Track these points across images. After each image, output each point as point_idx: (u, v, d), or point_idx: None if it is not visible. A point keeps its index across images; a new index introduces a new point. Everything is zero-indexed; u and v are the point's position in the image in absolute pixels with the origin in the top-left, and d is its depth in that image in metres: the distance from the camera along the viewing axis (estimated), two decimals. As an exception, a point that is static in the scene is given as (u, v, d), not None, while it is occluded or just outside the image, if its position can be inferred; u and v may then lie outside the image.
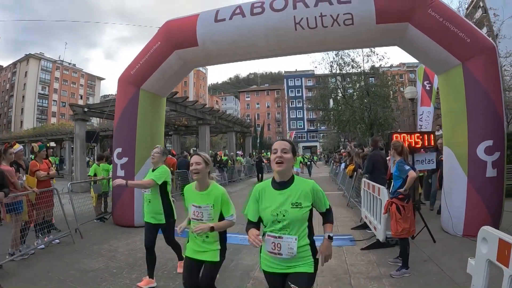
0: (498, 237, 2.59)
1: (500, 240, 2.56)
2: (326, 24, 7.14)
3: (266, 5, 7.56)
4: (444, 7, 6.83)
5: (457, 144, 6.85)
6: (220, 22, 7.84)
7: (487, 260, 2.74)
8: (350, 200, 11.15)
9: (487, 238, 2.75)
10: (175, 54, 8.32)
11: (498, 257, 2.57)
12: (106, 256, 6.06)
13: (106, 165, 10.01)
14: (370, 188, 6.83)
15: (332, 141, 60.80)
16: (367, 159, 8.12)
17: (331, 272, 5.08)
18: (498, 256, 2.58)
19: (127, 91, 8.70)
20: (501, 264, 2.53)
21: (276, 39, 7.71)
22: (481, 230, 2.87)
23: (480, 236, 2.87)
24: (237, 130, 29.46)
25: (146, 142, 8.51)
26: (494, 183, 6.48)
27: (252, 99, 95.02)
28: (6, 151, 6.19)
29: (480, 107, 6.51)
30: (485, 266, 2.76)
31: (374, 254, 5.83)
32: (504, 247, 2.50)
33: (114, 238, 7.27)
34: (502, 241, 2.53)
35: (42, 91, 75.65)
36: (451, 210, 6.77)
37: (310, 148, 79.44)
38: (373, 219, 6.45)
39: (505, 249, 2.49)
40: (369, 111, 26.63)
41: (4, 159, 6.11)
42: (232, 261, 5.67)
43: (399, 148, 5.30)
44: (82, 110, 18.08)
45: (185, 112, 18.66)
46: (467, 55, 6.61)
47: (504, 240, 2.51)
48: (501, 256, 2.53)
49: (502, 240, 2.53)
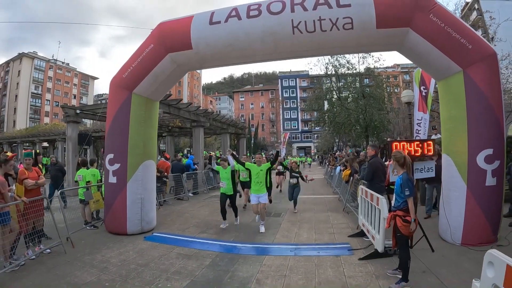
0: (506, 263, 2.50)
1: (508, 267, 2.47)
2: (325, 28, 6.99)
3: (263, 8, 7.39)
4: (446, 12, 6.71)
5: (457, 152, 6.76)
6: (215, 24, 7.64)
7: (493, 284, 2.65)
8: (346, 205, 11.03)
9: (494, 262, 2.66)
10: (168, 57, 8.12)
11: (506, 283, 2.50)
12: (98, 267, 5.88)
13: (94, 170, 9.83)
14: (368, 197, 6.71)
15: (327, 142, 60.91)
16: (367, 166, 8.01)
17: (329, 285, 4.98)
18: (505, 283, 2.50)
19: (119, 95, 8.49)
20: (508, 291, 2.44)
21: (273, 43, 7.53)
22: (487, 253, 2.77)
23: (486, 259, 2.76)
24: (231, 132, 29.35)
25: (138, 147, 8.37)
26: (494, 191, 6.41)
27: (246, 99, 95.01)
28: (7, 161, 6.08)
29: (480, 115, 6.43)
30: (490, 291, 2.66)
31: (372, 265, 5.71)
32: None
33: (106, 247, 7.10)
34: (511, 268, 2.43)
35: (35, 91, 74.96)
36: (449, 218, 6.69)
37: (304, 149, 79.64)
38: (371, 228, 6.33)
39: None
40: (364, 113, 26.64)
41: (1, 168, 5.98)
42: (227, 273, 5.55)
43: (402, 160, 5.08)
44: (74, 112, 17.86)
45: (179, 114, 18.51)
46: (468, 62, 6.51)
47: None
48: (509, 283, 2.45)
49: (511, 266, 2.43)
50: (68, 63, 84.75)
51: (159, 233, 8.23)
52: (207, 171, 18.09)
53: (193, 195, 15.27)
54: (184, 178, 14.51)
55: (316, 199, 13.86)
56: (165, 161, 14.50)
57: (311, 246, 7.12)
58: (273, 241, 7.54)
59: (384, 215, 5.44)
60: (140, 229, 8.21)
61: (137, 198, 8.22)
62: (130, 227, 8.06)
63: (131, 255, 6.54)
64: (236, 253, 6.66)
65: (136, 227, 8.17)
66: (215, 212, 10.78)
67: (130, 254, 6.58)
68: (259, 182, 8.55)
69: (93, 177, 9.54)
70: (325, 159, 40.09)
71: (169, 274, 5.45)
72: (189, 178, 15.43)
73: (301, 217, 10.12)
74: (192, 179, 15.86)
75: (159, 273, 5.53)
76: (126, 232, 8.03)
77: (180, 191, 14.31)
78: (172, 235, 8.04)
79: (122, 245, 7.22)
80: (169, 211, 11.35)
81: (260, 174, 8.59)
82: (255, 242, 7.50)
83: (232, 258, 6.30)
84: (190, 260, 6.20)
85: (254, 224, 9.08)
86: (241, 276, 5.42)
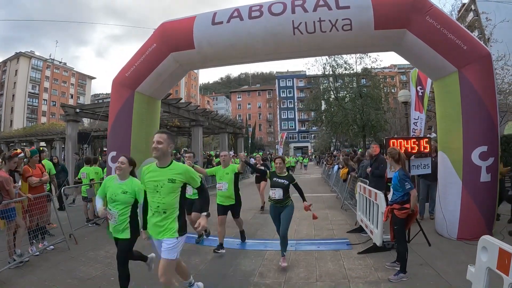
0: (499, 246, 2.68)
1: (500, 249, 2.65)
2: (325, 29, 7.16)
3: (264, 9, 7.54)
4: (442, 14, 6.91)
5: (452, 149, 6.95)
6: (218, 25, 7.80)
7: (487, 268, 2.83)
8: (344, 203, 11.21)
9: (487, 247, 2.84)
10: (171, 56, 8.27)
11: (498, 266, 2.67)
12: (103, 263, 5.96)
13: (97, 168, 9.95)
14: (366, 193, 6.88)
15: (324, 142, 60.96)
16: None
17: (330, 277, 5.13)
18: (498, 265, 2.68)
19: (122, 93, 8.61)
20: (501, 272, 2.62)
21: (274, 44, 7.70)
22: (481, 239, 2.95)
23: (480, 244, 2.94)
24: (229, 131, 29.48)
25: (141, 145, 8.46)
26: (488, 188, 6.59)
27: (244, 99, 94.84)
28: (11, 158, 6.12)
29: (475, 113, 6.61)
30: (485, 274, 2.85)
31: (371, 258, 5.87)
32: (504, 256, 2.60)
33: (109, 243, 7.09)
34: (502, 250, 2.63)
35: (33, 90, 74.74)
36: (445, 213, 6.88)
37: (301, 149, 79.65)
38: (369, 223, 6.51)
39: (505, 258, 2.58)
40: (362, 113, 26.82)
41: (5, 164, 6.05)
42: (230, 267, 5.68)
43: (396, 156, 5.27)
44: (74, 111, 17.95)
45: (178, 113, 18.63)
46: (463, 62, 6.69)
47: (504, 249, 2.61)
48: (501, 265, 2.63)
49: (502, 249, 2.63)
50: (65, 63, 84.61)
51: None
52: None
53: (192, 193, 15.23)
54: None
55: (314, 197, 13.94)
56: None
57: (310, 241, 7.29)
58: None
59: (382, 210, 5.60)
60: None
61: (140, 195, 8.29)
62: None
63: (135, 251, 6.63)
64: (238, 248, 6.79)
65: (139, 223, 8.24)
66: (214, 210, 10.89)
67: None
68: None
69: (96, 174, 9.64)
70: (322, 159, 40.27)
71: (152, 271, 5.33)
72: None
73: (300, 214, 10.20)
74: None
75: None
76: (129, 229, 8.10)
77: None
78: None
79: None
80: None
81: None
82: (255, 238, 7.65)
83: (234, 253, 6.42)
84: (193, 255, 6.29)
85: (254, 221, 9.24)
86: (244, 270, 5.55)
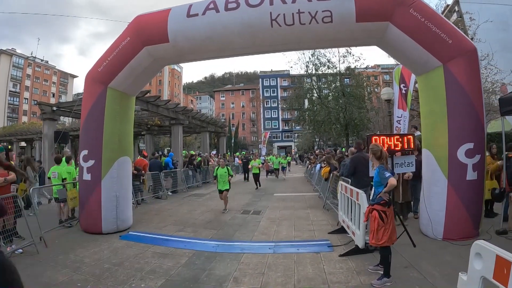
0: (496, 253, 2.37)
1: (498, 257, 2.35)
2: (304, 21, 6.89)
3: (241, 0, 7.26)
4: (426, 6, 6.68)
5: (437, 146, 6.74)
6: (193, 17, 7.48)
7: (481, 277, 2.53)
8: (326, 203, 10.95)
9: (482, 254, 2.53)
10: (145, 50, 7.89)
11: (495, 275, 2.37)
12: (71, 267, 5.60)
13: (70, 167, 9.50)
14: (348, 192, 6.62)
15: (307, 141, 61.13)
16: (349, 161, 7.95)
17: (309, 282, 4.84)
18: (495, 274, 2.37)
19: (94, 89, 8.19)
20: (498, 283, 2.32)
21: (251, 37, 7.41)
22: (474, 244, 2.65)
23: (473, 250, 2.64)
24: (211, 130, 29.19)
25: (113, 143, 8.10)
26: (475, 186, 6.40)
27: (227, 98, 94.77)
28: None
29: (461, 109, 6.42)
30: (479, 284, 2.55)
31: (353, 261, 5.61)
32: (503, 265, 2.30)
33: (80, 246, 6.81)
34: (501, 258, 2.32)
35: (13, 89, 72.98)
36: (430, 213, 6.66)
37: (285, 148, 79.73)
38: (351, 224, 6.25)
39: (504, 267, 2.28)
40: (345, 112, 26.75)
41: None
42: (203, 271, 5.36)
43: (378, 153, 5.02)
44: (51, 109, 17.45)
45: (157, 111, 18.29)
46: (448, 56, 6.49)
47: (503, 257, 2.29)
48: (499, 275, 2.33)
49: (501, 257, 2.32)
50: (47, 61, 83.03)
51: (135, 232, 7.98)
52: (186, 169, 17.81)
53: (172, 194, 14.99)
54: (162, 177, 14.20)
55: (296, 196, 13.78)
56: (143, 159, 14.20)
57: (290, 243, 6.99)
58: (252, 238, 7.39)
59: (364, 210, 5.34)
60: (115, 228, 7.94)
61: (112, 195, 7.94)
62: (105, 225, 7.77)
63: (106, 254, 6.29)
64: (213, 251, 6.47)
65: (112, 225, 7.89)
66: (193, 210, 10.61)
67: (105, 254, 6.32)
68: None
69: (68, 174, 9.21)
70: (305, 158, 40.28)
71: (143, 273, 5.25)
72: (167, 177, 15.09)
73: (281, 214, 10.00)
74: (171, 177, 15.54)
75: (133, 273, 5.31)
76: (101, 231, 7.74)
77: (159, 190, 14.02)
78: (149, 234, 7.79)
79: (97, 244, 6.95)
80: (147, 210, 11.09)
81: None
82: (233, 240, 7.34)
83: (209, 256, 6.12)
84: (165, 259, 5.99)
85: (233, 222, 8.98)
86: (218, 275, 5.24)
